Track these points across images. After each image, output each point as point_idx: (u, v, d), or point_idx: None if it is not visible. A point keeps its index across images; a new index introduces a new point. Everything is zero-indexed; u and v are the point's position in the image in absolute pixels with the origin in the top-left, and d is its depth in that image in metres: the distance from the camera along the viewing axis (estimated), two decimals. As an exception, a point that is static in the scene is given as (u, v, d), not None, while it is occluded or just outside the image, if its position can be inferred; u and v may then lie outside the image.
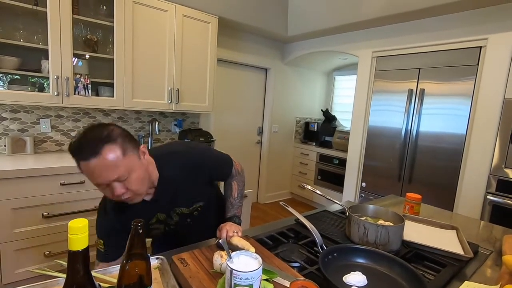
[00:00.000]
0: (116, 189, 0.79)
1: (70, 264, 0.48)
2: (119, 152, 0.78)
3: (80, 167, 0.78)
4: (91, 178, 0.78)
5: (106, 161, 0.76)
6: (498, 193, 2.10)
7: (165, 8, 2.34)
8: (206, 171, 1.05)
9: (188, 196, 1.04)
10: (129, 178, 0.80)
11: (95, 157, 0.75)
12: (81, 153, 0.76)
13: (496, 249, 1.07)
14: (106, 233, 0.94)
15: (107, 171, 0.76)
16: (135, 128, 2.67)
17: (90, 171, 0.76)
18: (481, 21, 2.18)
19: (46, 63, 1.95)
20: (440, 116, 2.42)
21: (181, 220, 1.07)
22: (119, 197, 0.81)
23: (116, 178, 0.78)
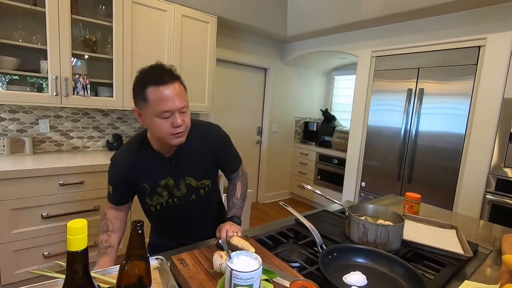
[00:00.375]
0: (178, 119, 0.88)
1: (69, 264, 0.47)
2: (184, 87, 0.93)
3: (149, 93, 0.85)
4: (160, 103, 0.85)
5: (181, 89, 0.90)
6: (497, 193, 2.11)
7: (164, 8, 2.34)
8: (221, 155, 1.12)
9: (200, 169, 1.08)
10: (187, 112, 0.93)
11: (174, 83, 0.87)
12: (158, 79, 0.85)
13: (496, 248, 1.08)
14: (114, 181, 1.03)
15: (180, 98, 0.88)
16: (135, 128, 2.67)
17: (165, 96, 0.85)
18: (480, 20, 2.18)
19: (45, 63, 1.95)
20: (439, 116, 2.42)
21: (186, 195, 1.07)
22: (178, 127, 0.89)
23: (183, 105, 0.89)
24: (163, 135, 0.91)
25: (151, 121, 0.90)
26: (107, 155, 2.30)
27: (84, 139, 2.42)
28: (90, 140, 2.45)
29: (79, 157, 2.15)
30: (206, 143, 1.08)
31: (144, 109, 0.89)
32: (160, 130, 0.90)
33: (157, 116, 0.87)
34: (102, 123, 2.49)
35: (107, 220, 1.05)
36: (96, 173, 1.96)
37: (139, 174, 1.01)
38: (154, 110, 0.86)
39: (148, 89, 0.85)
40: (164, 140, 0.93)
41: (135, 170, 1.00)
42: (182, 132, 0.92)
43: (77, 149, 2.39)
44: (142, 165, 1.01)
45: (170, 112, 0.87)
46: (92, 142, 2.46)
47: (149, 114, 0.88)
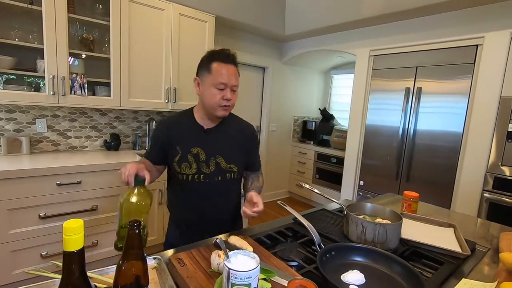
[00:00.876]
0: (228, 93, 1.07)
1: (65, 265, 0.47)
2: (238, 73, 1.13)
3: (214, 66, 1.06)
4: (220, 77, 1.05)
5: (236, 72, 1.11)
6: (494, 191, 2.11)
7: (162, 7, 2.33)
8: (250, 151, 1.25)
9: (231, 152, 1.18)
10: (236, 92, 1.12)
11: (233, 65, 1.09)
12: (224, 58, 1.07)
13: (493, 246, 1.08)
14: (154, 137, 1.18)
15: (234, 77, 1.08)
16: (133, 128, 2.66)
17: (224, 71, 1.05)
18: (477, 19, 2.19)
19: (41, 63, 1.94)
20: (437, 115, 2.43)
21: (213, 173, 1.14)
22: (226, 101, 1.07)
23: (235, 84, 1.09)
24: (213, 104, 1.07)
25: (207, 90, 1.08)
26: (105, 154, 2.29)
27: (82, 139, 2.41)
28: (88, 140, 2.44)
29: (77, 156, 2.14)
30: (242, 135, 1.23)
31: (205, 79, 1.08)
32: (213, 99, 1.07)
33: (214, 86, 1.06)
34: (99, 123, 2.48)
35: None
36: (94, 172, 1.95)
37: (176, 136, 1.14)
38: (214, 80, 1.05)
39: (213, 63, 1.06)
40: (211, 109, 1.09)
41: (173, 130, 1.14)
42: (228, 107, 1.10)
43: (74, 148, 2.38)
44: (181, 129, 1.15)
45: (224, 85, 1.06)
46: (90, 141, 2.45)
47: (208, 83, 1.07)
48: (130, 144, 2.66)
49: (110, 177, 2.02)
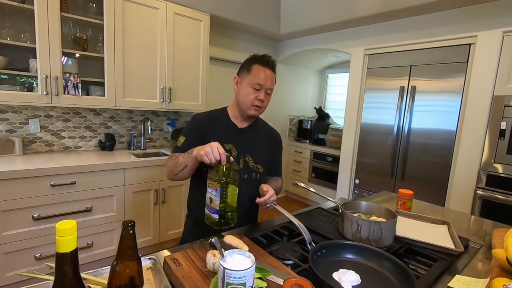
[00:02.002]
0: (262, 95, 1.14)
1: (58, 266, 0.47)
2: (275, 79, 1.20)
3: (254, 67, 1.14)
4: (258, 78, 1.12)
5: (273, 77, 1.17)
6: (488, 188, 2.14)
7: (156, 5, 2.32)
8: (274, 156, 1.33)
9: (260, 153, 1.24)
10: (269, 96, 1.18)
11: (271, 70, 1.16)
12: (265, 62, 1.14)
13: (486, 243, 1.09)
14: (190, 130, 1.19)
15: (271, 80, 1.15)
16: (127, 128, 2.64)
17: (262, 74, 1.13)
18: (470, 18, 2.21)
19: (34, 62, 1.91)
20: (431, 113, 2.45)
21: (242, 170, 1.17)
22: (259, 101, 1.14)
23: (269, 87, 1.15)
24: (247, 102, 1.14)
25: (244, 89, 1.15)
26: (99, 154, 2.28)
27: (76, 139, 2.39)
28: (82, 140, 2.42)
29: (71, 157, 2.12)
30: (271, 140, 1.31)
31: (244, 78, 1.16)
32: (247, 97, 1.13)
33: (251, 85, 1.13)
34: (94, 123, 2.45)
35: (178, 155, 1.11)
36: (88, 173, 1.93)
37: (211, 130, 1.17)
38: (251, 80, 1.13)
39: (254, 65, 1.14)
40: (244, 107, 1.15)
41: (209, 124, 1.18)
42: (260, 107, 1.16)
43: (68, 149, 2.36)
44: (217, 124, 1.19)
45: (260, 86, 1.13)
46: (84, 142, 2.43)
47: (246, 82, 1.14)
48: (125, 144, 2.65)
49: (105, 177, 2.01)
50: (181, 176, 1.12)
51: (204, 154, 0.94)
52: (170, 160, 1.14)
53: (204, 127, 1.18)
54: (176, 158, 1.11)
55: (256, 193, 1.21)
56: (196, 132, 1.17)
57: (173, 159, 1.13)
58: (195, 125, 1.20)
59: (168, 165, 1.15)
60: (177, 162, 1.10)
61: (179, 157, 1.10)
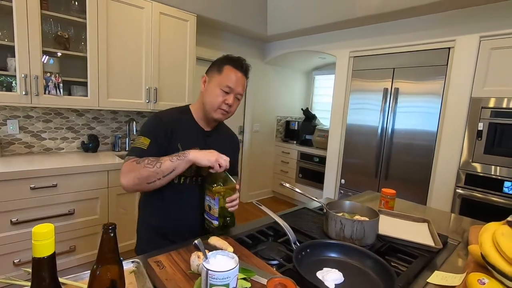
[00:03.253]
0: (231, 99, 1.07)
1: (35, 271, 0.45)
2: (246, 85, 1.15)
3: (226, 68, 1.07)
4: (229, 80, 1.06)
5: (245, 82, 1.12)
6: (466, 187, 2.22)
7: (141, 5, 2.28)
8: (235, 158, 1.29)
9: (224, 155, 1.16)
10: (238, 101, 1.12)
11: (244, 73, 1.10)
12: (238, 65, 1.09)
13: (464, 239, 1.13)
14: (156, 132, 1.06)
15: (242, 85, 1.09)
16: (112, 129, 2.59)
17: (234, 76, 1.07)
18: (449, 23, 2.29)
19: (12, 61, 1.85)
20: (413, 114, 2.52)
21: None
22: (227, 106, 1.07)
23: (240, 92, 1.09)
24: (213, 104, 1.07)
25: (212, 89, 1.07)
26: (82, 156, 2.22)
27: (57, 140, 2.32)
28: (64, 141, 2.35)
29: (52, 159, 2.06)
30: (232, 141, 1.29)
31: (213, 78, 1.09)
32: (215, 99, 1.06)
33: (220, 86, 1.06)
34: (76, 124, 2.39)
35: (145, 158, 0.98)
36: (70, 175, 1.88)
37: (179, 132, 1.09)
38: (221, 81, 1.06)
39: (226, 65, 1.07)
40: (210, 109, 1.08)
41: (176, 126, 1.08)
42: (227, 112, 1.10)
43: (49, 150, 2.29)
44: (182, 126, 1.11)
45: (230, 90, 1.06)
46: (66, 143, 2.36)
47: (215, 83, 1.07)
48: (109, 146, 2.59)
49: (88, 179, 1.96)
50: (159, 184, 0.97)
51: (215, 163, 0.93)
52: (145, 166, 0.95)
53: (171, 128, 1.07)
54: (157, 162, 0.95)
55: None
56: (162, 133, 1.05)
57: (147, 163, 0.95)
58: (161, 125, 1.07)
59: (139, 170, 0.95)
60: (160, 168, 0.94)
61: (161, 162, 0.95)
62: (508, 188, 2.02)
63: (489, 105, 2.08)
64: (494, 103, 2.06)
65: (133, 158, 1.00)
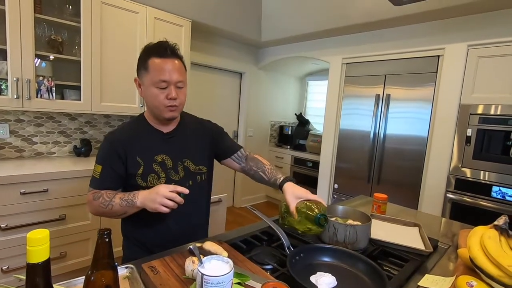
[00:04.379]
0: (173, 92, 0.95)
1: (29, 277, 0.45)
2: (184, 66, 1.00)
3: (150, 63, 0.94)
4: (161, 73, 0.93)
5: (181, 65, 0.97)
6: (456, 191, 2.27)
7: (136, 10, 2.29)
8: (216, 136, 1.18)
9: (197, 151, 1.11)
10: (183, 89, 1.00)
11: (175, 58, 0.96)
12: (161, 51, 0.94)
13: (454, 243, 1.16)
14: (105, 157, 0.99)
15: (177, 72, 0.95)
16: (104, 133, 2.56)
17: (164, 67, 0.93)
18: (439, 32, 2.36)
19: (4, 64, 1.83)
20: (405, 120, 2.57)
21: (184, 179, 1.05)
22: (171, 100, 0.95)
23: (179, 80, 0.96)
24: (157, 106, 0.96)
25: (149, 91, 0.96)
26: (74, 161, 2.19)
27: (49, 145, 2.29)
28: (56, 146, 2.32)
29: (43, 163, 2.03)
30: (203, 131, 1.16)
31: (144, 78, 0.97)
32: (156, 99, 0.95)
33: (154, 85, 0.94)
34: (68, 128, 2.37)
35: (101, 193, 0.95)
36: (62, 180, 1.86)
37: (134, 147, 1.00)
38: (153, 78, 0.94)
39: (150, 59, 0.94)
40: (158, 112, 0.98)
41: (129, 142, 1.00)
42: (176, 107, 0.98)
43: (40, 155, 2.26)
44: (138, 138, 1.02)
45: (166, 83, 0.94)
46: (58, 147, 2.33)
47: (148, 82, 0.96)
48: (102, 150, 2.56)
49: (80, 184, 1.93)
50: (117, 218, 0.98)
51: (159, 207, 0.85)
52: (100, 205, 0.94)
53: (123, 148, 0.99)
54: (108, 204, 0.92)
55: (205, 196, 1.17)
56: (113, 157, 0.98)
57: (101, 202, 0.93)
58: (110, 148, 0.99)
59: (97, 208, 0.95)
60: (111, 210, 0.92)
61: (112, 205, 0.92)
62: (496, 192, 2.07)
63: (478, 111, 2.14)
64: (482, 109, 2.12)
65: (91, 189, 0.99)
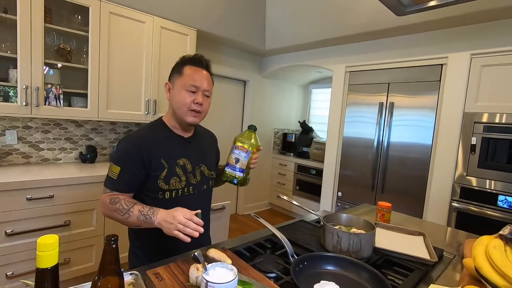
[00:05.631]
0: (199, 97, 1.03)
1: (38, 282, 0.46)
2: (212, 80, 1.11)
3: (186, 69, 1.05)
4: (192, 79, 1.03)
5: (209, 77, 1.08)
6: (462, 200, 2.24)
7: (143, 19, 2.34)
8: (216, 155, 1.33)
9: (210, 159, 1.21)
10: (208, 98, 1.09)
11: (207, 70, 1.08)
12: (197, 62, 1.06)
13: (460, 253, 1.15)
14: (126, 158, 1.00)
15: (207, 81, 1.05)
16: (110, 140, 2.60)
17: (197, 75, 1.04)
18: (442, 41, 2.37)
19: (14, 72, 1.87)
20: (408, 128, 2.57)
21: (200, 183, 1.12)
22: (197, 105, 1.03)
23: (207, 89, 1.05)
24: (182, 107, 1.03)
25: (178, 93, 1.04)
26: (79, 167, 2.22)
27: (55, 151, 2.32)
28: (62, 152, 2.35)
29: (49, 169, 2.06)
30: (212, 141, 1.30)
31: (176, 82, 1.06)
32: (183, 101, 1.03)
33: (185, 88, 1.03)
34: (75, 134, 2.40)
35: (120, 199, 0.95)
36: (67, 186, 1.88)
37: (158, 150, 1.03)
38: (185, 82, 1.03)
39: (186, 66, 1.05)
40: (181, 114, 1.04)
41: (153, 145, 1.02)
42: (199, 113, 1.05)
43: (47, 161, 2.29)
44: (160, 142, 1.05)
45: (196, 88, 1.03)
46: (64, 154, 2.36)
47: (179, 86, 1.04)
48: (107, 157, 2.59)
49: (85, 190, 1.95)
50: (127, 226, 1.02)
51: (177, 233, 0.82)
52: (116, 211, 0.93)
53: (147, 150, 1.00)
54: (126, 212, 0.92)
55: (210, 200, 1.25)
56: (136, 160, 0.98)
57: (118, 209, 0.93)
58: (133, 151, 0.99)
59: (111, 212, 0.95)
60: (127, 219, 0.92)
61: (130, 215, 0.91)
62: (502, 201, 2.05)
63: (482, 120, 2.14)
64: (486, 118, 2.12)
65: (108, 191, 0.99)
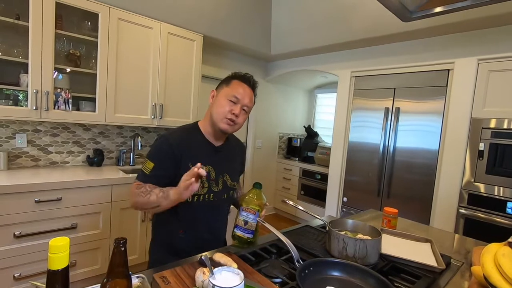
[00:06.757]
0: (237, 109, 1.09)
1: (49, 284, 0.47)
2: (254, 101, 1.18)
3: (234, 82, 1.13)
4: (236, 91, 1.10)
5: (252, 96, 1.15)
6: (469, 207, 2.21)
7: (150, 25, 2.38)
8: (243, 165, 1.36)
9: (234, 170, 1.24)
10: (245, 114, 1.14)
11: (250, 87, 1.15)
12: (245, 79, 1.14)
13: (468, 260, 1.13)
14: (160, 155, 1.07)
15: (249, 97, 1.12)
16: (117, 143, 2.63)
17: (241, 89, 1.11)
18: (448, 46, 2.36)
19: (25, 77, 1.92)
20: (415, 133, 2.55)
21: (221, 191, 1.16)
22: (233, 114, 1.08)
23: (247, 105, 1.12)
24: (219, 113, 1.09)
25: (219, 100, 1.10)
26: (87, 170, 2.25)
27: (63, 154, 2.35)
28: (70, 155, 2.39)
29: (57, 172, 2.09)
30: (240, 152, 1.33)
31: (221, 91, 1.13)
32: (221, 108, 1.09)
33: (227, 97, 1.09)
34: (83, 138, 2.44)
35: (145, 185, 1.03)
36: (75, 189, 1.90)
37: (188, 152, 1.09)
38: (228, 92, 1.10)
39: (234, 80, 1.13)
40: (217, 120, 1.09)
41: (185, 146, 1.08)
42: (233, 123, 1.10)
43: (55, 164, 2.32)
44: (192, 144, 1.11)
45: (237, 100, 1.09)
46: (72, 157, 2.40)
47: (223, 94, 1.11)
48: (114, 160, 2.62)
49: (92, 193, 1.98)
50: (154, 212, 1.07)
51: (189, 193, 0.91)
52: (140, 194, 1.01)
53: (180, 150, 1.07)
54: (148, 193, 1.00)
55: (226, 213, 1.28)
56: (169, 157, 1.06)
57: (142, 191, 1.01)
58: (169, 149, 1.06)
59: (136, 197, 1.02)
60: (149, 199, 0.99)
61: (151, 194, 0.99)
62: (511, 209, 2.01)
63: (490, 125, 2.11)
64: (494, 123, 2.09)
65: (137, 182, 1.06)
